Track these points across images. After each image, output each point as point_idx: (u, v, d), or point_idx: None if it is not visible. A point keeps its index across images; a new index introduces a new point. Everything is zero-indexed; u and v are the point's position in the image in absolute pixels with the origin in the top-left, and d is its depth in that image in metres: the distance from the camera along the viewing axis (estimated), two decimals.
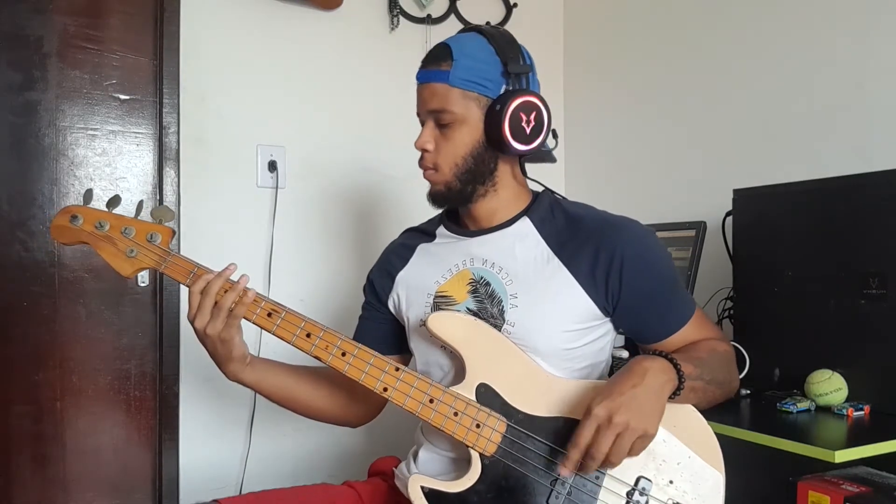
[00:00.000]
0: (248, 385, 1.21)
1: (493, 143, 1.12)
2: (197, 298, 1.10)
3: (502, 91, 1.12)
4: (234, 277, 1.11)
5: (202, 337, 1.12)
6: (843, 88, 1.69)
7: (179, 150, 1.96)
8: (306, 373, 1.26)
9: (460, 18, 2.34)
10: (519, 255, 1.15)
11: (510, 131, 1.09)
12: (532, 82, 1.15)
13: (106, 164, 1.93)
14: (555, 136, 1.18)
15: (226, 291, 1.09)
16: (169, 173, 1.95)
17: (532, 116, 1.11)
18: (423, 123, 1.17)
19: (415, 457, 1.21)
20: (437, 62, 1.12)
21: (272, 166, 2.07)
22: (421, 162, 1.18)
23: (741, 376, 1.45)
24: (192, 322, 1.11)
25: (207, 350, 1.14)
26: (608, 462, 0.96)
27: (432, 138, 1.15)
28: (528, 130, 1.11)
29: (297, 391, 1.25)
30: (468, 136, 1.13)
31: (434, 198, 1.19)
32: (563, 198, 1.24)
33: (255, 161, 2.06)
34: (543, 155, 1.19)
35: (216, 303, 1.09)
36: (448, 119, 1.12)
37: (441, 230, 1.26)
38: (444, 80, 1.11)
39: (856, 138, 1.66)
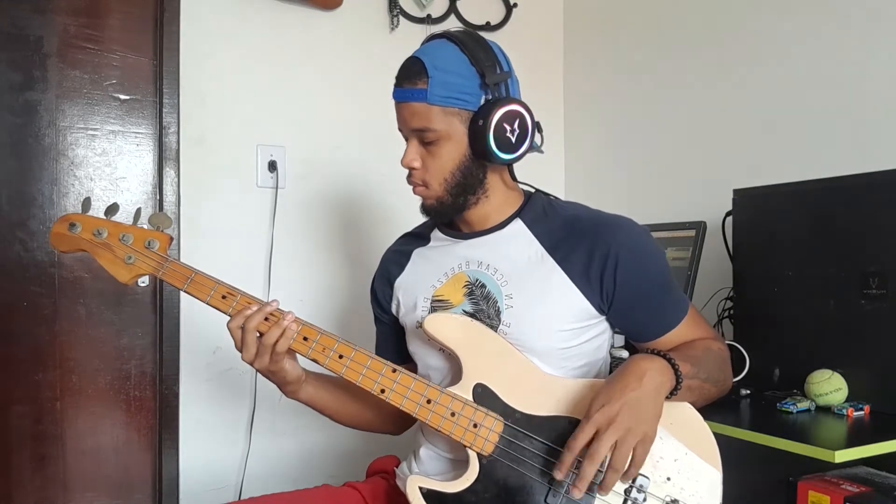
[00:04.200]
0: (303, 402, 1.23)
1: (480, 155, 1.11)
2: (238, 334, 1.10)
3: (482, 102, 1.10)
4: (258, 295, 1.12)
5: (255, 368, 1.13)
6: (843, 88, 1.69)
7: (179, 150, 1.97)
8: (355, 388, 1.26)
9: (460, 18, 2.34)
10: (513, 255, 1.15)
11: (496, 143, 1.09)
12: (511, 87, 1.14)
13: (106, 164, 1.93)
14: (540, 130, 1.17)
15: (266, 319, 1.09)
16: (169, 173, 1.95)
17: (516, 124, 1.10)
18: (406, 139, 1.16)
19: (415, 456, 1.21)
20: (412, 80, 1.10)
21: (272, 166, 2.07)
22: (409, 179, 1.17)
23: (741, 376, 1.45)
24: (242, 357, 1.12)
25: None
26: (611, 468, 0.95)
27: (418, 156, 1.13)
28: (513, 139, 1.10)
29: (347, 406, 1.27)
30: (454, 151, 1.12)
31: (427, 211, 1.19)
32: (556, 198, 1.24)
33: (255, 161, 2.06)
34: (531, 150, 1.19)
35: (261, 335, 1.09)
36: (432, 137, 1.11)
37: (435, 233, 1.26)
38: (422, 98, 1.09)
39: (856, 138, 1.65)
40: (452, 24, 2.31)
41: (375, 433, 1.35)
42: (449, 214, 1.18)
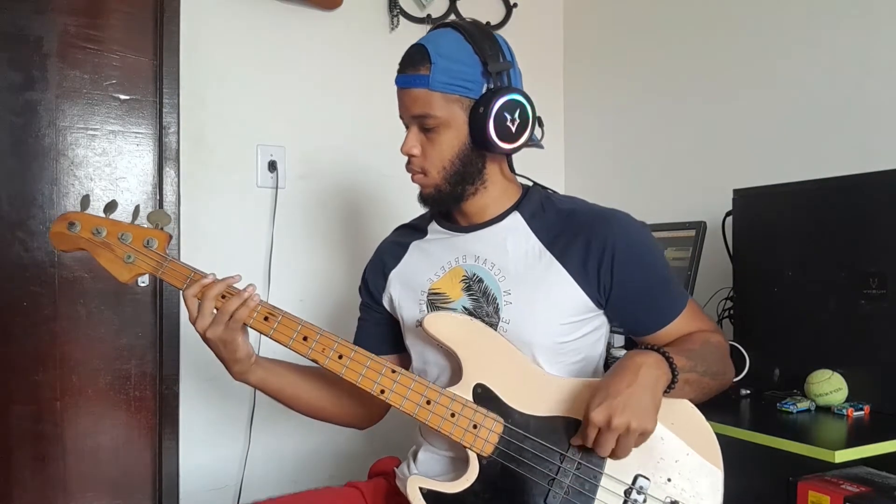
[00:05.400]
0: (253, 385, 1.21)
1: (480, 143, 1.12)
2: (194, 302, 1.10)
3: (484, 90, 1.10)
4: (240, 286, 1.12)
5: (205, 339, 1.12)
6: (843, 88, 1.69)
7: (179, 150, 1.96)
8: (312, 374, 1.25)
9: (460, 18, 2.33)
10: (510, 250, 1.15)
11: (495, 132, 1.09)
12: (513, 77, 1.14)
13: (106, 164, 1.93)
14: (541, 124, 1.17)
15: (223, 297, 1.09)
16: (169, 173, 1.95)
17: (516, 114, 1.10)
18: (406, 127, 1.16)
19: (414, 457, 1.21)
20: (415, 66, 1.10)
21: (272, 166, 2.07)
22: (408, 166, 1.17)
23: (741, 376, 1.45)
24: (193, 325, 1.11)
25: (212, 351, 1.14)
26: (614, 455, 0.99)
27: (418, 143, 1.14)
28: (513, 129, 1.10)
29: (302, 392, 1.25)
30: (454, 138, 1.12)
31: (425, 200, 1.19)
32: (553, 192, 1.24)
33: (255, 161, 2.06)
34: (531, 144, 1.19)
35: (218, 307, 1.09)
36: (432, 123, 1.11)
37: (433, 226, 1.26)
38: (424, 84, 1.09)
39: (856, 138, 1.65)
40: None
41: (340, 426, 1.33)
42: (447, 203, 1.18)
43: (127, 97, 1.95)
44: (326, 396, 1.26)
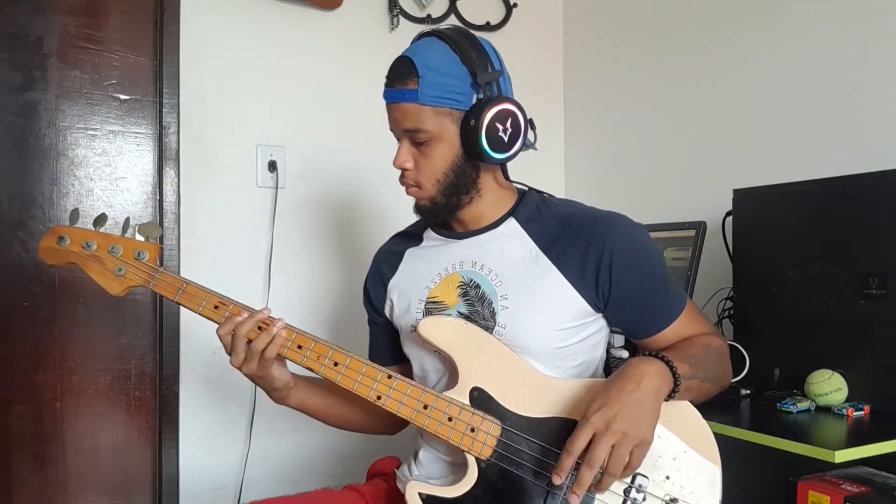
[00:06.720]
0: (293, 407, 1.24)
1: (473, 155, 1.11)
2: (228, 339, 1.10)
3: (474, 101, 1.09)
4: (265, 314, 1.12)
5: (243, 373, 1.13)
6: (843, 88, 1.69)
7: (179, 150, 1.96)
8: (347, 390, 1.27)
9: (460, 18, 2.34)
10: (507, 255, 1.15)
11: (488, 143, 1.08)
12: (503, 85, 1.13)
13: (106, 164, 1.93)
14: (533, 127, 1.16)
15: (259, 328, 1.10)
16: (169, 173, 1.95)
17: (508, 123, 1.09)
18: (397, 139, 1.15)
19: (415, 459, 1.21)
20: (402, 80, 1.09)
21: (272, 166, 2.07)
22: (402, 180, 1.16)
23: (741, 376, 1.45)
24: (231, 362, 1.12)
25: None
26: (608, 473, 0.95)
27: (410, 156, 1.13)
28: (505, 138, 1.09)
29: (337, 409, 1.27)
30: (446, 151, 1.11)
31: (420, 212, 1.19)
32: (550, 196, 1.23)
33: (255, 161, 2.06)
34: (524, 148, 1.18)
35: (250, 342, 1.09)
36: (423, 138, 1.10)
37: (428, 233, 1.26)
38: (413, 99, 1.08)
39: (856, 138, 1.65)
40: (452, 24, 2.31)
41: (372, 434, 1.35)
42: (442, 215, 1.18)
43: (127, 97, 1.95)
44: (360, 409, 1.27)
